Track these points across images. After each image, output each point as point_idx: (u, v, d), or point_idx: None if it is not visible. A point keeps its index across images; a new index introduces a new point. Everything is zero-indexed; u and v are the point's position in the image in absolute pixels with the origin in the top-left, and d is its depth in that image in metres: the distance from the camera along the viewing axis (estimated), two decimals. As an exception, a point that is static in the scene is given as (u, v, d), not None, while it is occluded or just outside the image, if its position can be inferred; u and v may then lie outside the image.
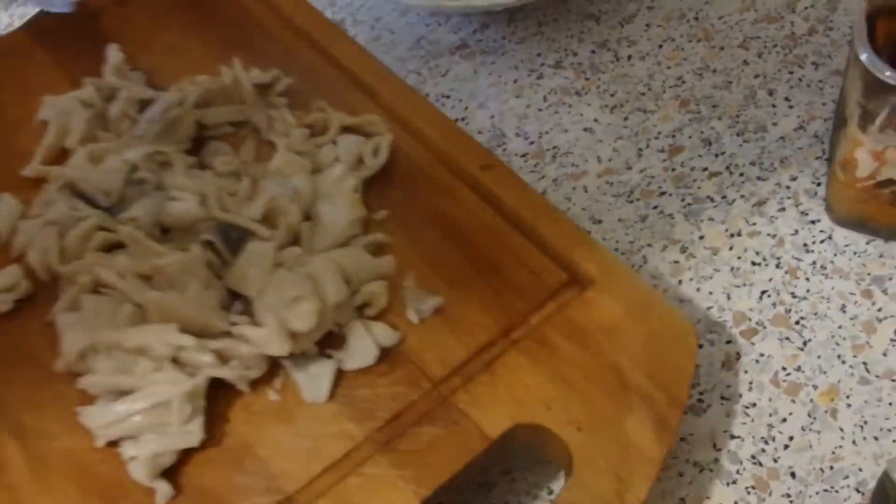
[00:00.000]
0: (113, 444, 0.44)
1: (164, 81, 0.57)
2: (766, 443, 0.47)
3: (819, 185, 0.56)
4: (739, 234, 0.55)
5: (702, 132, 0.59)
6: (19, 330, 0.49)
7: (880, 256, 0.53)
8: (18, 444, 0.45)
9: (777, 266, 0.54)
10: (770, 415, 0.48)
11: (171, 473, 0.44)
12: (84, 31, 0.61)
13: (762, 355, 0.50)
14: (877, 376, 0.49)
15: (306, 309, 0.45)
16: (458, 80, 0.64)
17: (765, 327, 0.51)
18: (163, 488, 0.43)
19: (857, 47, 0.45)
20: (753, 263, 0.54)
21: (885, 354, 0.50)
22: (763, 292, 0.52)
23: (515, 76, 0.63)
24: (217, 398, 0.45)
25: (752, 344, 0.51)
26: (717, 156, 0.58)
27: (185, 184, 0.51)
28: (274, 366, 0.46)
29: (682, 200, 0.57)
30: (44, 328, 0.48)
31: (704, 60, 0.62)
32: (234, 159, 0.53)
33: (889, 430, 0.47)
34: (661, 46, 0.63)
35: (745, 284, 0.53)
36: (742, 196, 0.56)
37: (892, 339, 0.50)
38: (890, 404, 0.48)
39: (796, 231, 0.55)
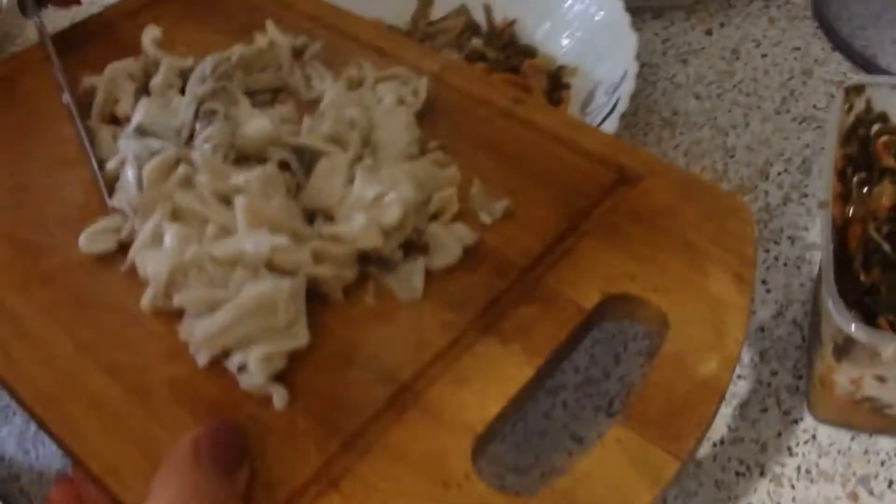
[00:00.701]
0: (214, 364, 0.44)
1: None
2: None
3: (800, 377, 0.56)
4: (723, 443, 0.55)
5: (678, 328, 0.59)
6: (107, 276, 0.49)
7: (865, 453, 0.53)
8: (116, 381, 0.44)
9: (761, 474, 0.53)
10: None
11: (281, 381, 0.43)
12: (102, 40, 0.63)
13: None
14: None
15: (392, 200, 0.47)
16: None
17: (753, 542, 0.50)
18: (279, 391, 0.42)
19: (824, 298, 0.45)
20: (737, 474, 0.53)
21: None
22: (749, 506, 0.52)
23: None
24: (314, 311, 0.45)
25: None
26: (694, 354, 0.58)
27: (254, 113, 0.52)
28: (362, 276, 0.47)
29: (661, 407, 0.56)
30: (125, 276, 0.48)
31: (678, 244, 0.62)
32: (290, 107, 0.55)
33: None
34: (633, 232, 0.63)
35: (730, 499, 0.53)
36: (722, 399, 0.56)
37: (879, 542, 0.49)
38: None
39: (779, 433, 0.54)
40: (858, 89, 0.52)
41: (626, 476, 0.40)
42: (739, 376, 0.56)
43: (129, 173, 0.50)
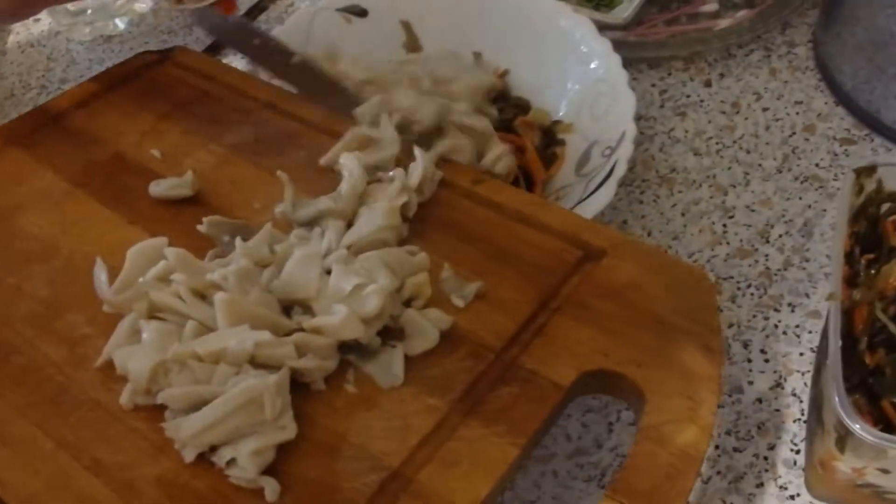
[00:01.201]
0: (200, 458, 0.44)
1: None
2: None
3: (798, 452, 0.54)
4: (717, 518, 0.53)
5: (674, 398, 0.57)
6: (80, 373, 0.49)
7: (864, 532, 0.51)
8: (101, 480, 0.44)
9: (758, 552, 0.52)
10: None
11: (271, 472, 0.44)
12: (55, 130, 0.63)
13: None
14: None
15: (371, 291, 0.48)
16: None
17: None
18: (271, 483, 0.43)
19: (830, 392, 0.44)
20: (733, 551, 0.52)
21: None
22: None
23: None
24: (296, 400, 0.46)
25: None
26: (691, 426, 0.56)
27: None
28: (342, 364, 0.48)
29: (656, 481, 0.55)
30: (99, 372, 0.48)
31: (676, 311, 0.61)
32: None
33: None
34: (629, 296, 0.62)
35: (724, 578, 0.51)
36: (718, 472, 0.54)
37: None
38: None
39: (775, 510, 0.53)
40: (869, 171, 0.51)
41: None
42: (736, 449, 0.55)
43: (102, 276, 0.51)
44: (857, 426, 0.43)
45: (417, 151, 0.56)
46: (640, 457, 0.44)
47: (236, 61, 0.75)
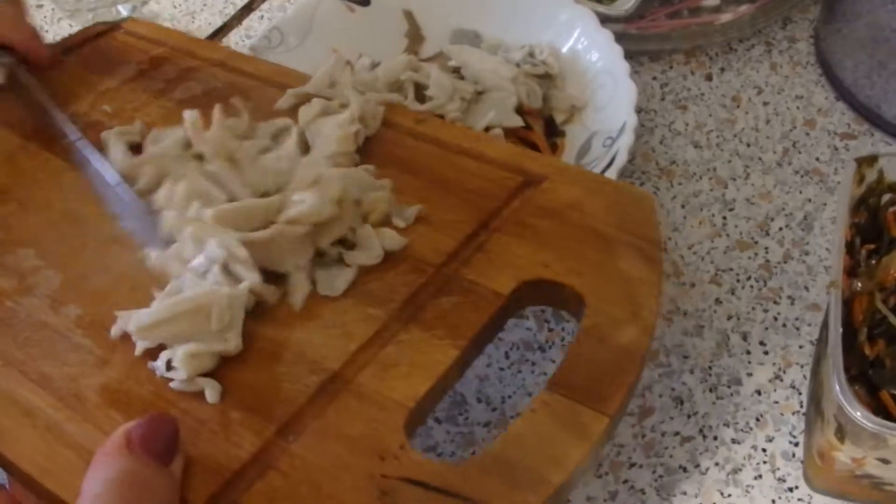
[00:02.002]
0: (144, 367, 0.46)
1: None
2: None
3: (797, 444, 0.54)
4: (716, 511, 0.53)
5: (673, 389, 0.57)
6: (27, 299, 0.51)
7: (862, 524, 0.51)
8: (47, 391, 0.46)
9: (755, 543, 0.52)
10: None
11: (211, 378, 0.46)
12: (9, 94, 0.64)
13: None
14: None
15: (331, 176, 0.51)
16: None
17: None
18: (212, 384, 0.45)
19: (830, 381, 0.44)
20: (731, 542, 0.52)
21: None
22: (740, 578, 0.51)
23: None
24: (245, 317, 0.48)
25: None
26: (689, 416, 0.56)
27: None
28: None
29: (654, 472, 0.55)
30: (45, 299, 0.50)
31: (675, 301, 0.61)
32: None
33: None
34: (628, 286, 0.62)
35: (723, 568, 0.51)
36: (716, 464, 0.54)
37: None
38: None
39: (773, 502, 0.53)
40: (871, 160, 0.51)
41: (555, 433, 0.42)
42: (734, 441, 0.55)
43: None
44: (858, 413, 0.43)
45: (352, 94, 0.57)
46: (580, 354, 0.45)
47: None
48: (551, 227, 0.50)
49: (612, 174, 0.57)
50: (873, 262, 0.50)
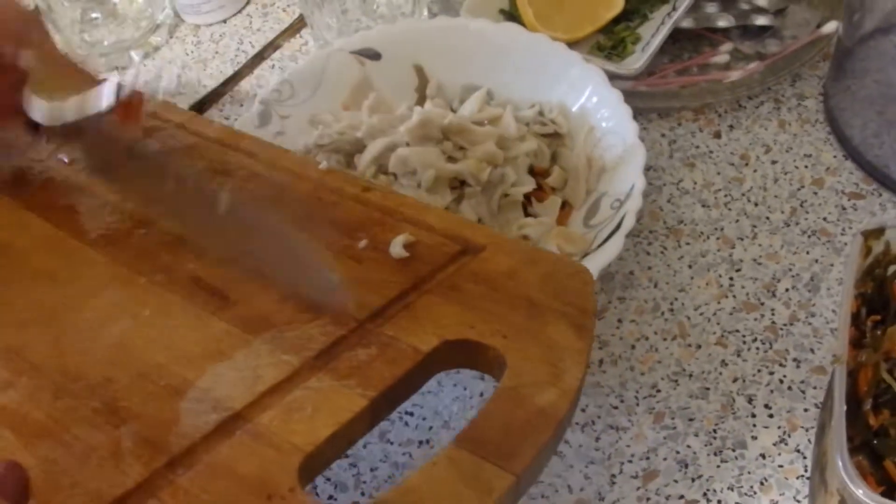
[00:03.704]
0: None
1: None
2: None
3: (801, 510, 0.55)
4: (719, 578, 0.53)
5: (677, 452, 0.58)
6: None
7: None
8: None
9: None
10: None
11: (112, 410, 0.47)
12: None
13: None
14: None
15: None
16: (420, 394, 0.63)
17: None
18: None
19: (833, 458, 0.44)
20: None
21: None
22: None
23: (482, 388, 0.63)
24: (153, 349, 0.50)
25: None
26: (693, 480, 0.57)
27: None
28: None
29: (658, 536, 0.55)
30: None
31: (680, 363, 0.61)
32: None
33: None
34: (633, 347, 0.62)
35: None
36: (721, 528, 0.55)
37: None
38: None
39: (777, 568, 0.53)
40: (877, 233, 0.51)
41: (455, 489, 0.42)
42: (738, 504, 0.55)
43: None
44: (861, 492, 0.43)
45: None
46: (493, 413, 0.44)
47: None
48: (483, 292, 0.50)
49: (619, 237, 0.58)
50: (879, 332, 0.51)
